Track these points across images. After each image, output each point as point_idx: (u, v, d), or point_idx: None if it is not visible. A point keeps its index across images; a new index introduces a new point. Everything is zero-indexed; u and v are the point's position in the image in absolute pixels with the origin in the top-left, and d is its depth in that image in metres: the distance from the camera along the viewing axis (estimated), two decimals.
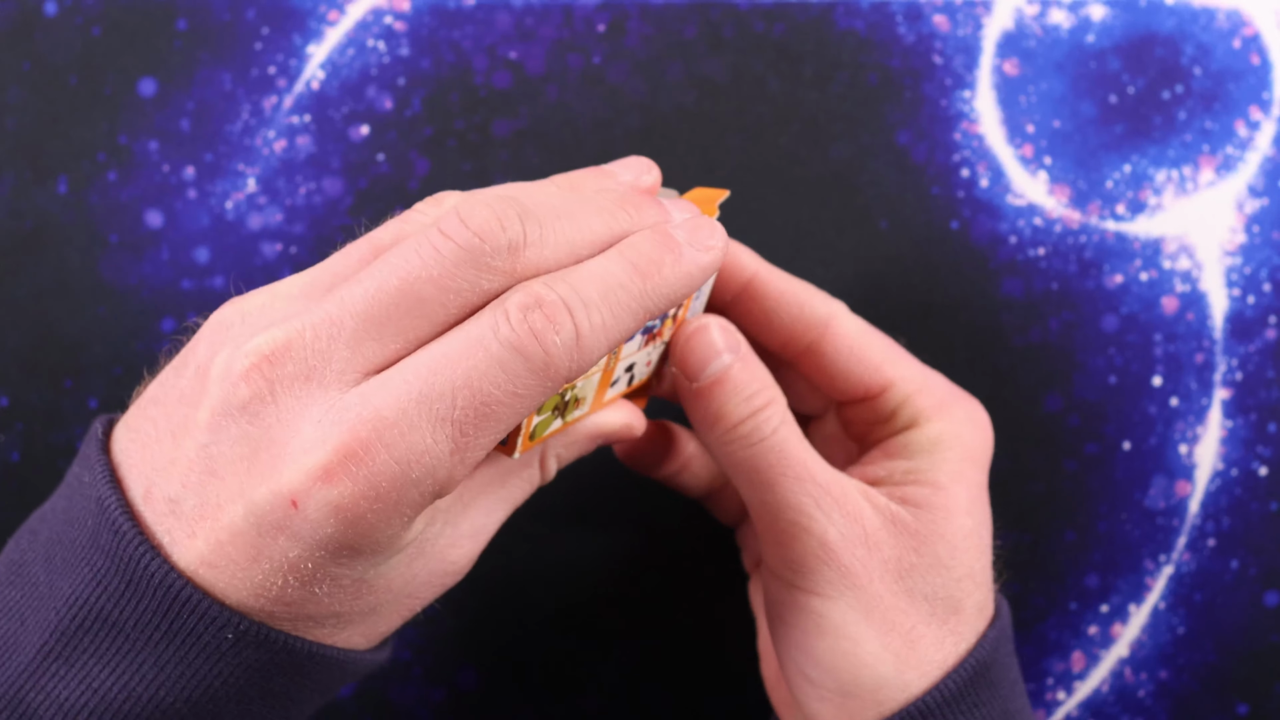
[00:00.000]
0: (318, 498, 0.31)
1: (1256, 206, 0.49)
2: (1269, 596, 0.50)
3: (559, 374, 0.32)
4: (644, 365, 0.40)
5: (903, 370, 0.41)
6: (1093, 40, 0.49)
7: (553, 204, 0.33)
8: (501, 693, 0.51)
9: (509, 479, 0.38)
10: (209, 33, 0.48)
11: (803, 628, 0.38)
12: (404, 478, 0.31)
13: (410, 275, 0.32)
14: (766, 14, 0.48)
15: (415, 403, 0.31)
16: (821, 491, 0.38)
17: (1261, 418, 0.50)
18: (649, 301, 0.33)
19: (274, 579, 0.32)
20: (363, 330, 0.32)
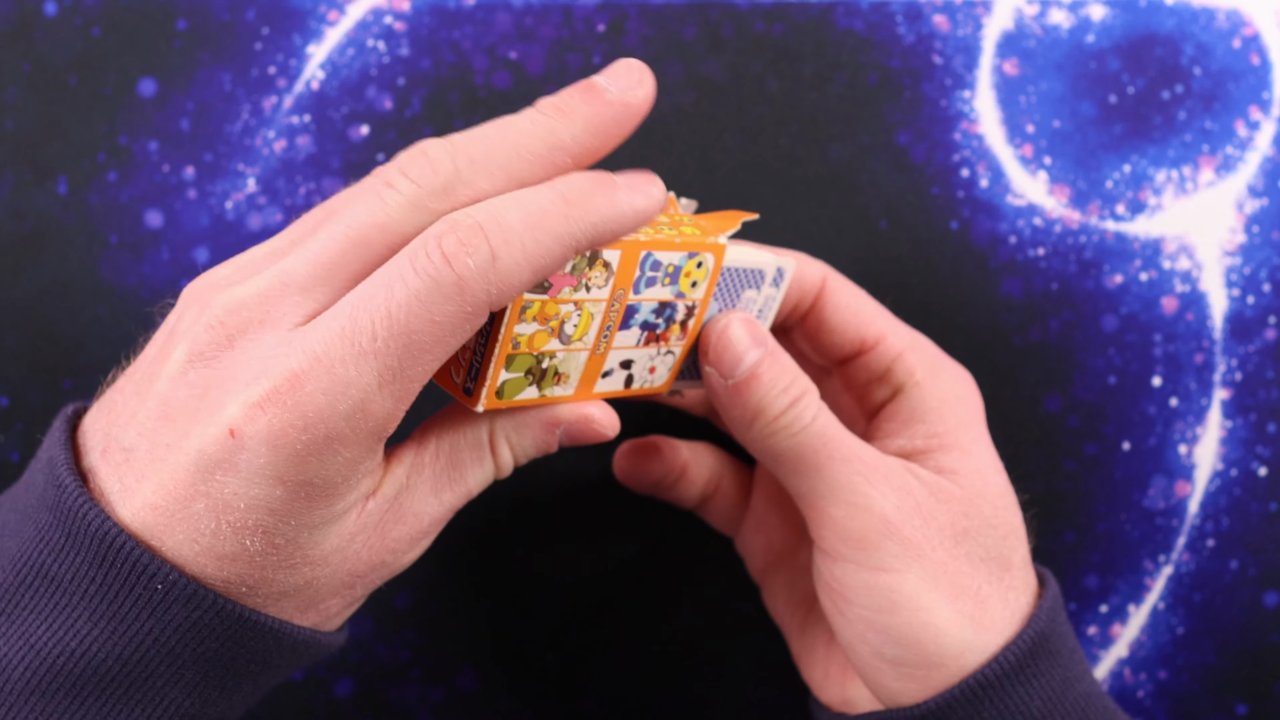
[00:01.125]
0: (253, 426, 0.32)
1: (1256, 207, 0.49)
2: (1268, 597, 0.50)
3: (475, 297, 0.32)
4: (646, 369, 0.40)
5: (893, 326, 0.43)
6: (1092, 40, 0.49)
7: (488, 139, 0.34)
8: (501, 693, 0.51)
9: (458, 459, 0.38)
10: (209, 33, 0.48)
11: (874, 608, 0.39)
12: (332, 409, 0.32)
13: (356, 224, 0.33)
14: (766, 14, 0.48)
15: (339, 337, 0.32)
16: (869, 469, 0.39)
17: (1261, 418, 0.50)
18: (575, 229, 0.33)
19: (207, 521, 0.33)
20: (314, 278, 0.33)
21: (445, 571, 0.50)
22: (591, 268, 0.36)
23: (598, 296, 0.37)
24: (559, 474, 0.50)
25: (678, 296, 0.39)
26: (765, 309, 0.42)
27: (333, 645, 0.38)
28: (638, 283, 0.37)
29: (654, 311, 0.39)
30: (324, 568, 0.35)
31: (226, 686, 0.36)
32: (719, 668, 0.51)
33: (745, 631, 0.51)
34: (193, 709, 0.35)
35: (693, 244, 0.38)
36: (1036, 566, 0.42)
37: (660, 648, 0.51)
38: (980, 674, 0.38)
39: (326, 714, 0.51)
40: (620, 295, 0.37)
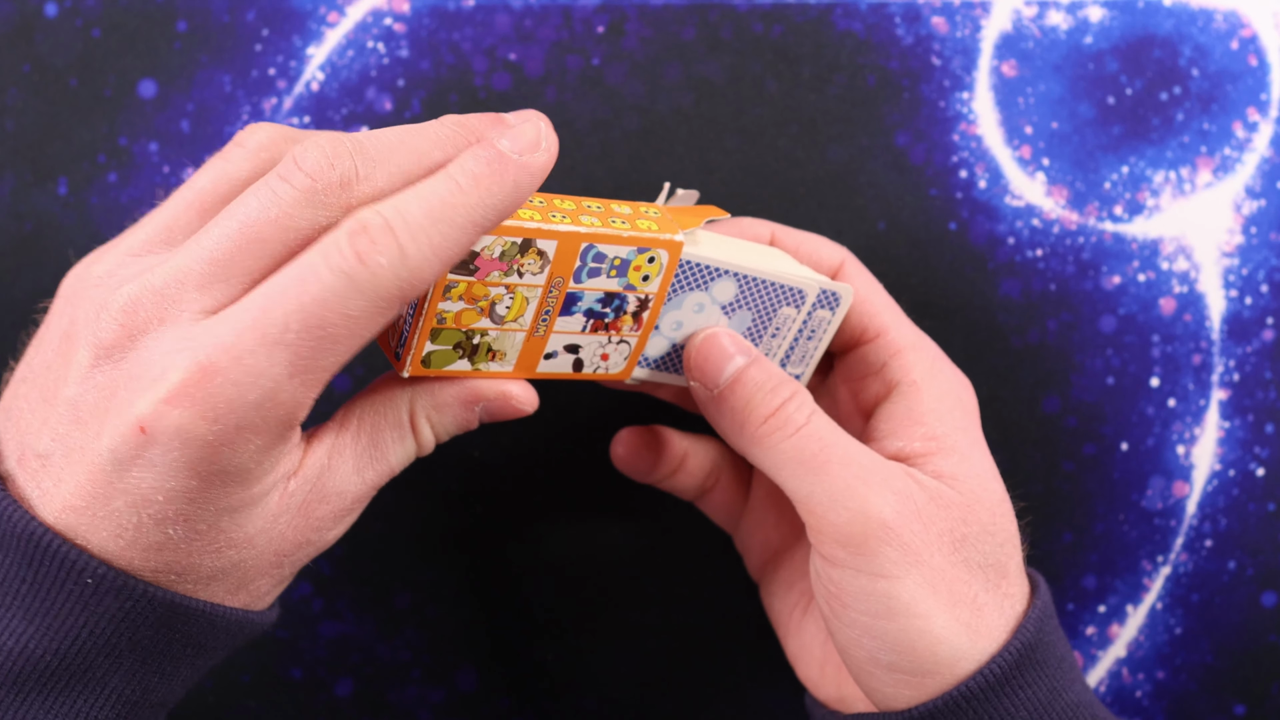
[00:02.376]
0: (164, 422, 0.33)
1: (1254, 208, 0.49)
2: (1266, 597, 0.51)
3: (389, 293, 0.33)
4: (597, 355, 0.41)
5: (898, 322, 0.43)
6: (1091, 42, 0.49)
7: (387, 139, 0.35)
8: (501, 693, 0.51)
9: (379, 438, 0.38)
10: (209, 34, 0.48)
11: (871, 613, 0.38)
12: (242, 400, 0.33)
13: (250, 219, 0.34)
14: (765, 15, 0.48)
15: (250, 329, 0.33)
16: (868, 473, 0.38)
17: (1259, 419, 0.50)
18: (478, 214, 0.34)
19: (129, 515, 0.34)
20: (210, 273, 0.34)
21: (445, 572, 0.50)
22: (524, 255, 0.38)
23: (532, 282, 0.38)
24: (559, 474, 0.50)
25: (627, 288, 0.39)
26: (816, 331, 0.42)
27: (264, 624, 0.39)
28: (579, 272, 0.38)
29: (600, 301, 0.39)
30: (249, 549, 0.36)
31: (165, 672, 0.37)
32: (719, 667, 0.51)
33: (745, 631, 0.51)
34: (133, 695, 0.36)
35: (643, 239, 0.39)
36: (1029, 572, 0.42)
37: (660, 647, 0.51)
38: (965, 685, 0.38)
39: (327, 714, 0.51)
40: (559, 283, 0.39)
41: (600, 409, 0.50)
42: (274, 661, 0.50)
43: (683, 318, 0.40)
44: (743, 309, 0.41)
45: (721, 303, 0.40)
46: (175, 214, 0.36)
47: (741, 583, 0.51)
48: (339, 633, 0.50)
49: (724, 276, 0.40)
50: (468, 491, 0.50)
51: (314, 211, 0.34)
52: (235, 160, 0.37)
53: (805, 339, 0.42)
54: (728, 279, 0.40)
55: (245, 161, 0.37)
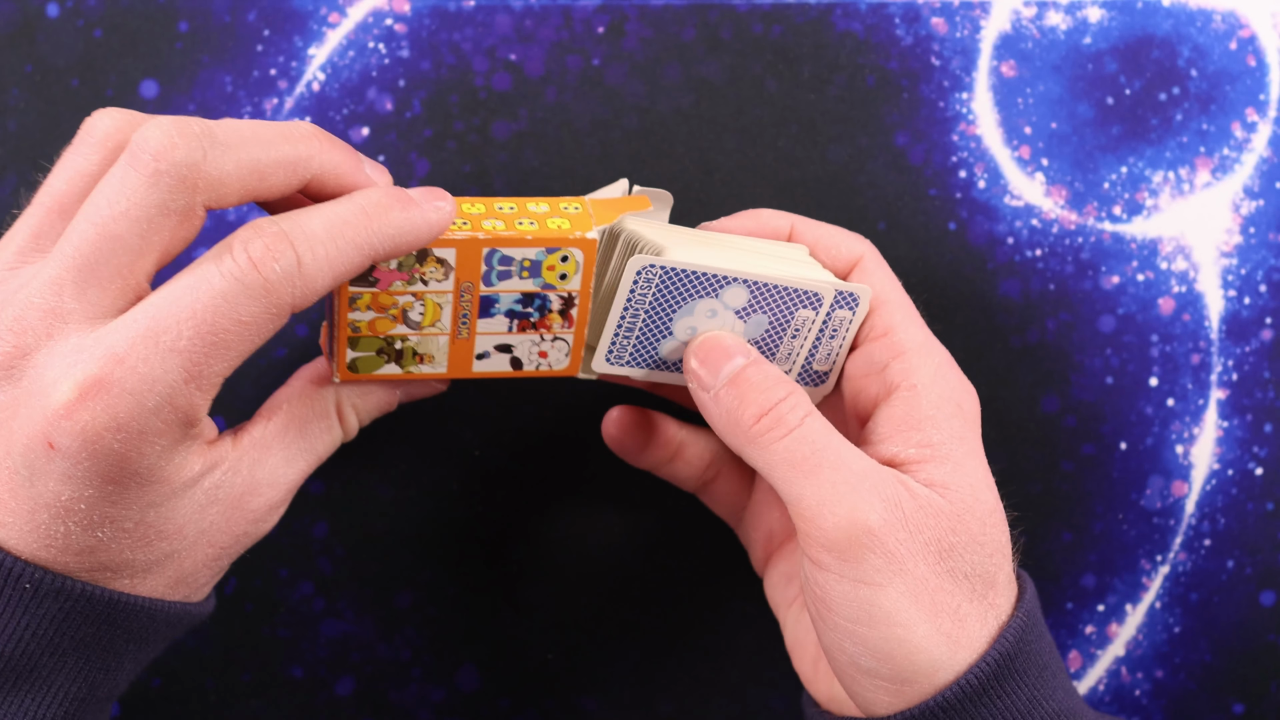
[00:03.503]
0: (67, 436, 0.34)
1: (1252, 208, 0.50)
2: (1265, 596, 0.51)
3: (282, 300, 0.34)
4: (534, 354, 0.41)
5: (907, 323, 0.42)
6: (1089, 42, 0.49)
7: (238, 127, 0.36)
8: (501, 692, 0.51)
9: (307, 429, 0.40)
10: (210, 35, 0.48)
11: (853, 619, 0.38)
12: (140, 406, 0.34)
13: (103, 218, 0.35)
14: (765, 16, 0.48)
15: (144, 337, 0.34)
16: (858, 479, 0.38)
17: (1257, 418, 0.50)
18: (375, 240, 0.36)
19: (56, 526, 0.35)
20: (82, 280, 0.35)
21: (445, 571, 0.50)
22: (423, 264, 0.39)
23: (439, 289, 0.39)
24: (559, 474, 0.50)
25: (545, 288, 0.40)
26: (838, 330, 0.42)
27: (201, 614, 0.40)
28: (487, 275, 0.39)
29: (519, 302, 0.40)
30: (180, 540, 0.37)
31: (109, 667, 0.37)
32: (720, 667, 0.51)
33: (745, 631, 0.51)
34: (80, 692, 0.37)
35: (551, 239, 0.39)
36: (1020, 578, 0.41)
37: (660, 647, 0.51)
38: (943, 695, 0.38)
39: (327, 713, 0.51)
40: (468, 287, 0.39)
41: (601, 409, 0.50)
42: (275, 661, 0.50)
43: (696, 323, 0.40)
44: (758, 313, 0.41)
45: (734, 308, 0.40)
46: (39, 220, 0.37)
47: (742, 582, 0.51)
48: (340, 632, 0.50)
49: (734, 284, 0.40)
50: (468, 491, 0.50)
51: (161, 195, 0.34)
52: (84, 154, 0.37)
53: (829, 338, 0.42)
54: (738, 286, 0.40)
55: (95, 153, 0.37)
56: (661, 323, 0.40)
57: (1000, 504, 0.41)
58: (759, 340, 0.41)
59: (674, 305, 0.40)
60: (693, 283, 0.39)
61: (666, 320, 0.40)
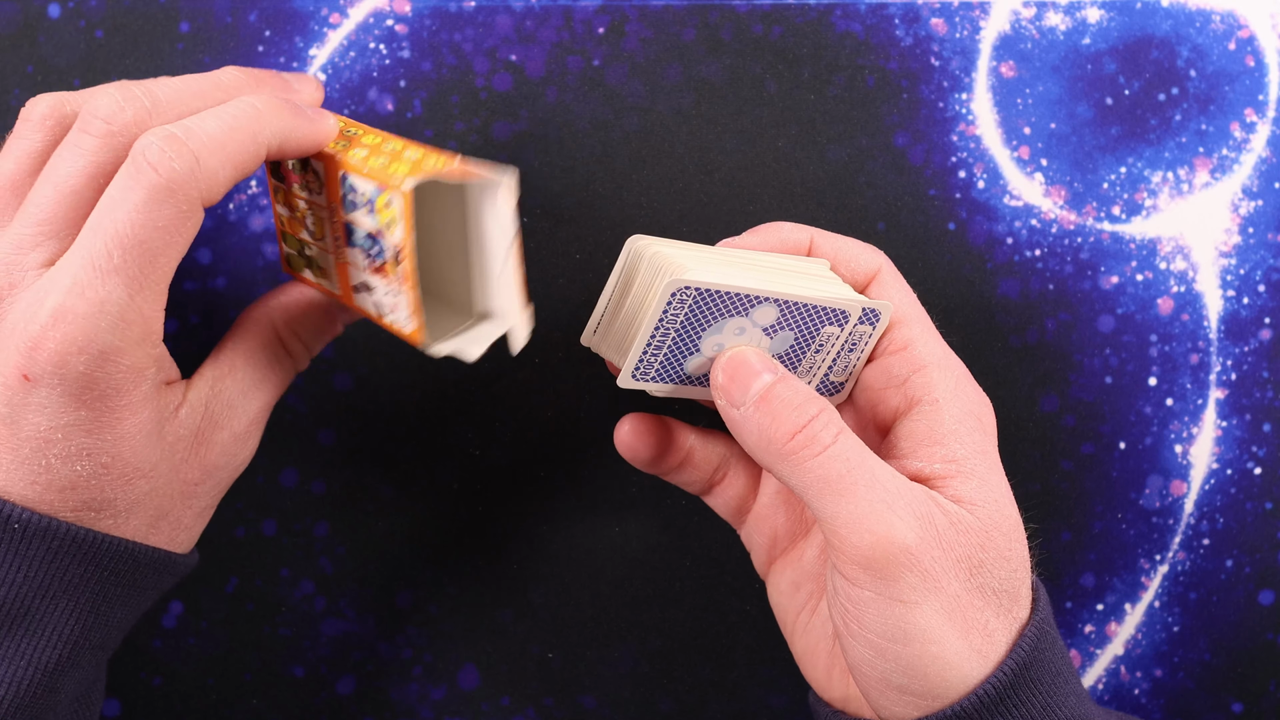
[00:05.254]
0: (39, 365, 0.37)
1: (1251, 208, 0.50)
2: (1263, 595, 0.51)
3: (190, 196, 0.37)
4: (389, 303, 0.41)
5: (926, 337, 0.42)
6: (1089, 43, 0.49)
7: (174, 84, 0.40)
8: (502, 691, 0.51)
9: (256, 360, 0.43)
10: (211, 35, 0.48)
11: (887, 636, 0.38)
12: (97, 326, 0.37)
13: (62, 177, 0.38)
14: (765, 16, 0.49)
15: (82, 266, 0.37)
16: (893, 497, 0.38)
17: (1256, 418, 0.50)
18: (266, 135, 0.39)
19: (38, 460, 0.38)
20: (41, 233, 0.38)
21: (446, 570, 0.51)
22: (305, 173, 0.42)
23: (316, 201, 0.42)
24: (559, 473, 0.50)
25: (378, 232, 0.41)
26: (857, 345, 0.42)
27: (187, 564, 0.42)
28: (345, 201, 0.41)
29: (368, 238, 0.41)
30: (155, 478, 0.39)
31: (100, 611, 0.40)
32: (719, 666, 0.51)
33: (746, 631, 0.51)
34: (73, 635, 0.39)
35: (378, 176, 0.40)
36: (1033, 586, 0.42)
37: (661, 646, 0.51)
38: (960, 705, 0.38)
39: (328, 712, 0.51)
40: (334, 208, 0.41)
41: (601, 409, 0.50)
42: (276, 659, 0.50)
43: (724, 340, 0.40)
44: (785, 330, 0.40)
45: (763, 325, 0.40)
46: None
47: (741, 582, 0.51)
48: (341, 631, 0.50)
49: (764, 303, 0.40)
50: (468, 490, 0.50)
51: (116, 155, 0.38)
52: (28, 136, 0.40)
53: (848, 351, 0.42)
54: (768, 305, 0.40)
55: (37, 133, 0.40)
56: (690, 341, 0.40)
57: (1020, 518, 0.41)
58: (783, 355, 0.41)
59: (704, 324, 0.39)
60: (724, 303, 0.39)
61: (695, 338, 0.40)
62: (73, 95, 0.41)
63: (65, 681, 0.40)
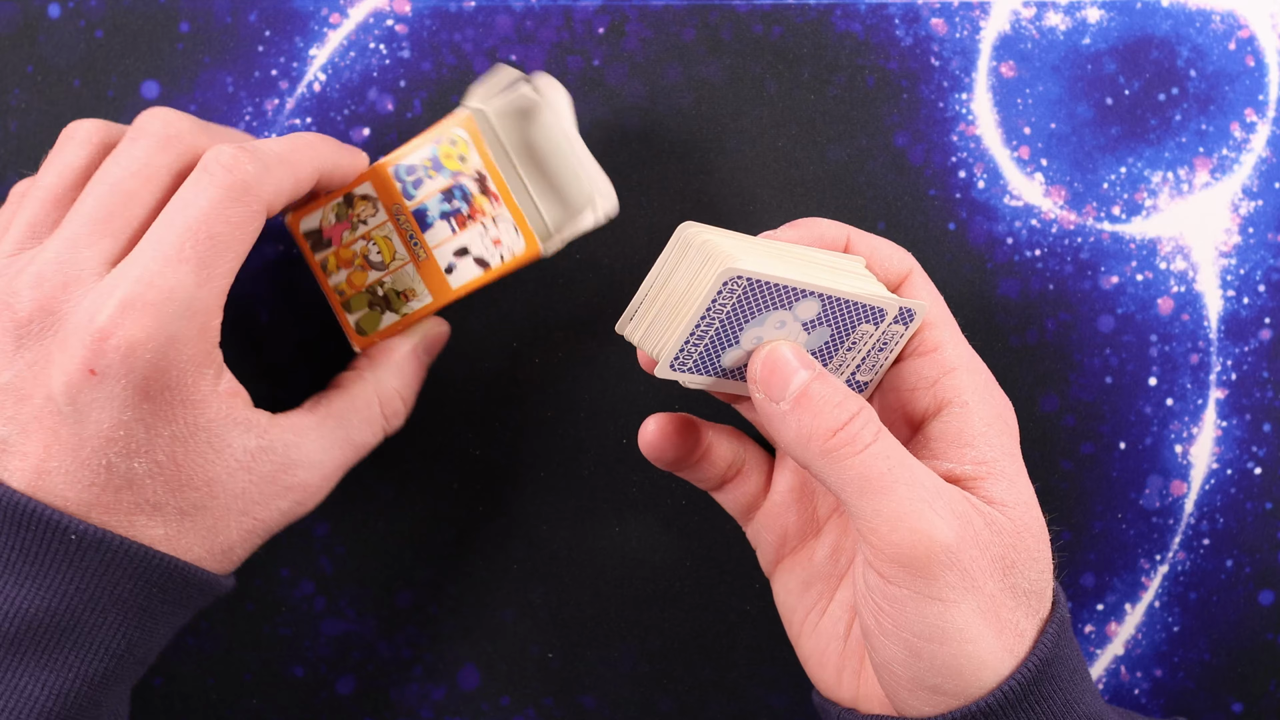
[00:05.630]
0: (107, 357, 0.37)
1: (1251, 208, 0.50)
2: (1263, 595, 0.51)
3: (260, 197, 0.39)
4: (489, 245, 0.44)
5: (954, 340, 0.43)
6: (1089, 43, 0.49)
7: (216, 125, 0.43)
8: (502, 691, 0.51)
9: (346, 419, 0.44)
10: (211, 35, 0.48)
11: (923, 635, 0.38)
12: (164, 315, 0.38)
13: (117, 178, 0.40)
14: (765, 16, 0.49)
15: (153, 258, 0.38)
16: (934, 496, 0.38)
17: (1256, 418, 0.50)
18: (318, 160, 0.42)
19: (98, 459, 0.38)
20: (96, 231, 0.39)
21: (446, 570, 0.51)
22: (353, 208, 0.44)
23: (378, 222, 0.44)
24: (560, 473, 0.50)
25: (455, 177, 0.43)
26: (888, 344, 0.42)
27: (227, 586, 0.42)
28: (405, 190, 0.44)
29: (444, 199, 0.43)
30: (211, 495, 0.40)
31: (145, 626, 0.40)
32: (719, 666, 0.51)
33: (746, 630, 0.51)
34: (119, 649, 0.39)
35: (434, 134, 0.44)
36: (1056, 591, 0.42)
37: (661, 645, 0.51)
38: (986, 701, 0.38)
39: (329, 711, 0.51)
40: (398, 210, 0.44)
41: (601, 409, 0.50)
42: (276, 659, 0.50)
43: (763, 333, 0.40)
44: (822, 325, 0.40)
45: (803, 320, 0.40)
46: (34, 212, 0.41)
47: (741, 582, 0.51)
48: (341, 631, 0.51)
49: (808, 297, 0.39)
50: (468, 491, 0.50)
51: (169, 157, 0.41)
52: (72, 152, 0.42)
53: (877, 350, 0.42)
54: (811, 299, 0.39)
55: (82, 149, 0.42)
56: (732, 332, 0.39)
57: (1044, 520, 0.41)
58: (818, 351, 0.41)
59: (749, 315, 0.39)
60: (771, 294, 0.39)
61: (737, 330, 0.39)
62: (115, 125, 0.43)
63: (108, 697, 0.40)
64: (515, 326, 0.49)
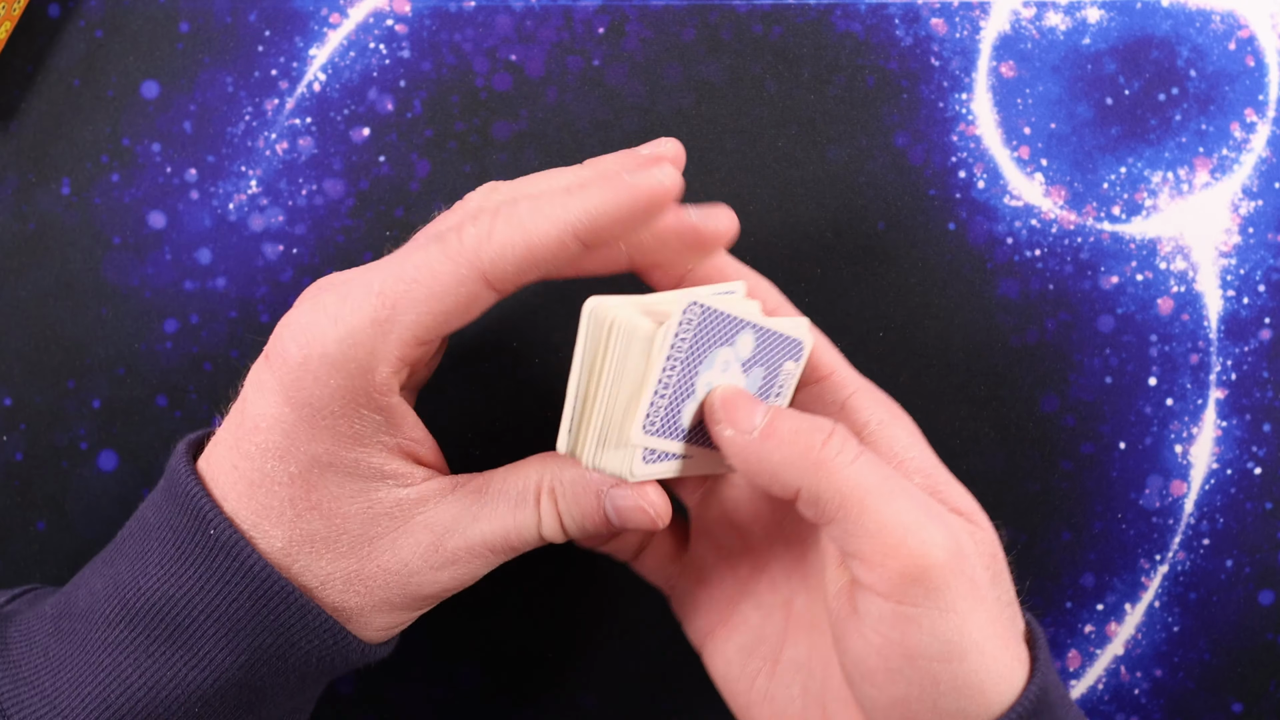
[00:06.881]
0: (273, 346, 0.37)
1: (1251, 208, 0.50)
2: (1263, 595, 0.51)
3: (470, 259, 0.35)
4: None
5: (841, 363, 0.42)
6: (1089, 43, 0.49)
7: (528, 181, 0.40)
8: (503, 690, 0.51)
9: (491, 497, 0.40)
10: (211, 35, 0.48)
11: (939, 655, 0.36)
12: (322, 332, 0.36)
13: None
14: (765, 16, 0.49)
15: (356, 282, 0.37)
16: (929, 506, 0.37)
17: (1256, 418, 0.50)
18: (569, 214, 0.36)
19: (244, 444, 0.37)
20: None
21: None
22: None
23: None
24: None
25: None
26: (788, 382, 0.41)
27: (373, 656, 0.40)
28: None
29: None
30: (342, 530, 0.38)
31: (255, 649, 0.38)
32: None
33: None
34: (224, 662, 0.37)
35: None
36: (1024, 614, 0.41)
37: (661, 645, 0.51)
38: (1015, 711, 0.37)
39: (329, 711, 0.51)
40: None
41: None
42: None
43: (714, 378, 0.38)
44: (758, 366, 0.39)
45: (743, 359, 0.39)
46: None
47: None
48: None
49: (746, 329, 0.38)
50: None
51: None
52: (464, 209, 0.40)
53: (790, 390, 0.41)
54: (748, 331, 0.38)
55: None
56: (689, 379, 0.37)
57: None
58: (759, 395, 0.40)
59: (702, 353, 0.37)
60: (720, 326, 0.37)
61: (693, 375, 0.38)
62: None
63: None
64: (515, 326, 0.49)
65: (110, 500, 0.49)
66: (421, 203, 0.49)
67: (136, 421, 0.49)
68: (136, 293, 0.48)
